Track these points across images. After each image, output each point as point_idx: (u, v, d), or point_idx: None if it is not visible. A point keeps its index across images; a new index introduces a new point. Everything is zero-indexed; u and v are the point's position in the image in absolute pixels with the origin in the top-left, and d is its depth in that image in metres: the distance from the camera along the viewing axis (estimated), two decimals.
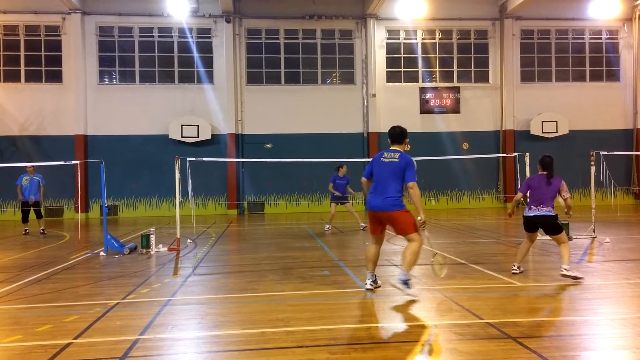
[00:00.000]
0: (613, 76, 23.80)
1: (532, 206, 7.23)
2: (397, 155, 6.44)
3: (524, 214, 7.34)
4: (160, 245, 10.56)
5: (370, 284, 6.59)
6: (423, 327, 5.08)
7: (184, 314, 5.65)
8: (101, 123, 21.41)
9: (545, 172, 7.30)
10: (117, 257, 9.80)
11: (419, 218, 6.27)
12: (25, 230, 14.45)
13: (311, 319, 5.31)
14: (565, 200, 7.26)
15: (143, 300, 6.27)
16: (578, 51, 23.65)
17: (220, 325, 5.22)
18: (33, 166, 14.68)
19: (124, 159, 21.17)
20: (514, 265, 7.45)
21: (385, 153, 6.56)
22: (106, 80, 22.11)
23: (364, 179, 6.67)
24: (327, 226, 14.32)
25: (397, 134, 6.63)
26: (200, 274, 8.10)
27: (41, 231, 14.34)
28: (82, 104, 21.22)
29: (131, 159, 21.35)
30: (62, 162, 11.84)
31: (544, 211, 7.10)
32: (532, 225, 7.32)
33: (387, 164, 6.40)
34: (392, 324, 5.19)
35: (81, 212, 20.14)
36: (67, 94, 21.24)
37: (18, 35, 21.27)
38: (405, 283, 6.09)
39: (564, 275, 6.84)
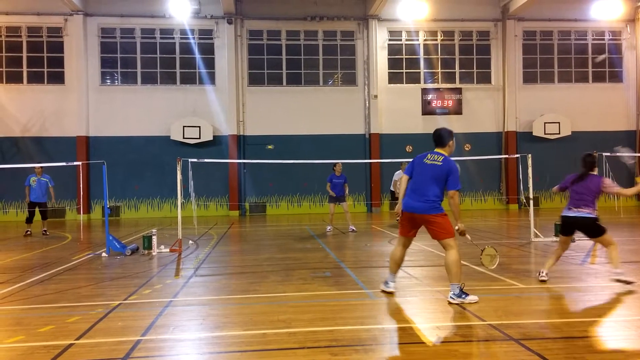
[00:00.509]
0: (616, 77, 23.76)
1: (571, 206, 6.81)
2: (441, 159, 6.29)
3: (562, 214, 6.91)
4: (162, 247, 10.56)
5: (385, 286, 6.42)
6: (425, 328, 5.06)
7: (185, 315, 5.65)
8: (103, 124, 21.45)
9: (585, 171, 6.82)
10: (119, 258, 9.80)
11: (456, 228, 6.22)
12: (27, 231, 14.44)
13: (313, 320, 5.30)
14: (616, 194, 6.79)
15: (145, 301, 6.26)
16: (581, 52, 23.62)
17: (222, 326, 5.21)
18: (41, 167, 14.69)
19: (126, 160, 21.21)
20: (542, 272, 6.91)
21: (428, 155, 6.41)
22: (108, 81, 22.14)
23: (405, 177, 6.47)
24: (329, 227, 14.30)
25: (438, 136, 6.51)
26: (202, 275, 8.10)
27: (43, 232, 14.37)
28: (84, 105, 21.26)
29: (133, 160, 21.38)
30: (64, 163, 11.85)
31: (583, 213, 6.69)
32: (569, 227, 6.89)
33: (429, 167, 6.25)
34: (394, 326, 5.18)
35: (83, 213, 20.16)
36: (69, 95, 21.27)
37: (20, 36, 21.32)
38: (461, 295, 5.86)
39: (617, 280, 6.58)
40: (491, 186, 23.01)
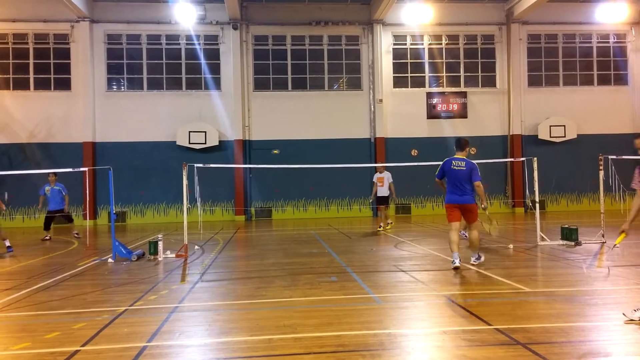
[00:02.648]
0: (621, 80, 23.68)
1: None
2: (463, 163, 8.44)
3: None
4: (168, 252, 10.58)
5: (457, 263, 8.23)
6: (431, 333, 5.05)
7: (191, 321, 5.65)
8: (109, 130, 21.55)
9: None
10: (125, 263, 9.82)
11: (483, 206, 8.81)
12: (46, 237, 14.64)
13: (319, 325, 5.29)
14: None
15: (151, 307, 6.27)
16: (585, 55, 23.56)
17: (228, 331, 5.21)
18: (55, 175, 14.92)
19: (132, 165, 21.29)
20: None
21: (453, 161, 8.50)
22: (114, 87, 22.25)
23: (437, 179, 8.80)
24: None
25: (456, 143, 8.75)
26: (208, 280, 8.10)
27: (75, 234, 14.71)
28: (90, 111, 21.37)
29: (139, 165, 21.46)
30: (70, 169, 11.89)
31: None
32: None
33: (458, 171, 8.43)
34: (400, 330, 5.17)
35: (89, 219, 20.24)
36: (75, 101, 21.40)
37: (27, 43, 21.47)
38: (479, 258, 8.72)
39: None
40: (497, 190, 22.93)
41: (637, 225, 15.36)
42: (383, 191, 15.05)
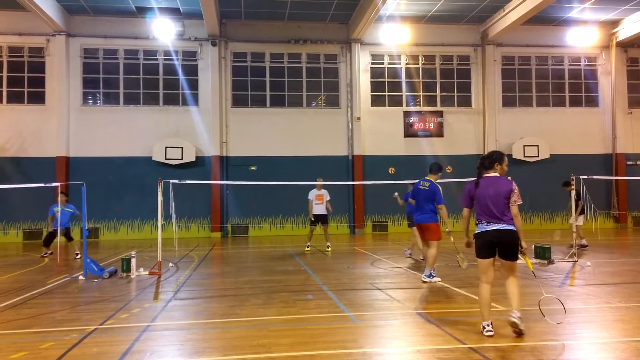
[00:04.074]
0: (592, 102, 24.27)
1: None
2: (428, 184, 9.14)
3: None
4: (141, 269, 10.42)
5: (424, 277, 8.82)
6: (406, 352, 5.03)
7: (163, 340, 5.55)
8: (84, 145, 21.23)
9: None
10: (97, 281, 9.63)
11: (447, 230, 9.27)
12: (46, 253, 14.03)
13: (293, 344, 5.24)
14: None
15: (122, 326, 6.14)
16: (558, 77, 24.12)
17: (201, 351, 5.13)
18: (66, 197, 14.41)
19: (106, 181, 20.98)
20: None
21: (421, 182, 9.28)
22: (90, 101, 22.00)
23: (410, 199, 10.47)
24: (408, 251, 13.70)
25: (431, 166, 9.58)
26: (182, 298, 7.98)
27: (76, 255, 13.90)
28: (64, 126, 21.05)
29: (113, 181, 21.16)
30: (42, 184, 11.68)
31: None
32: None
33: (422, 191, 9.18)
34: (375, 349, 5.14)
35: (61, 235, 19.79)
36: (49, 115, 21.07)
37: (1, 56, 21.14)
38: (430, 276, 8.83)
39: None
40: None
41: (610, 246, 15.59)
42: (322, 209, 14.52)
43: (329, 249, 14.67)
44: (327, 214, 14.68)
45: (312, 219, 14.59)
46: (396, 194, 14.21)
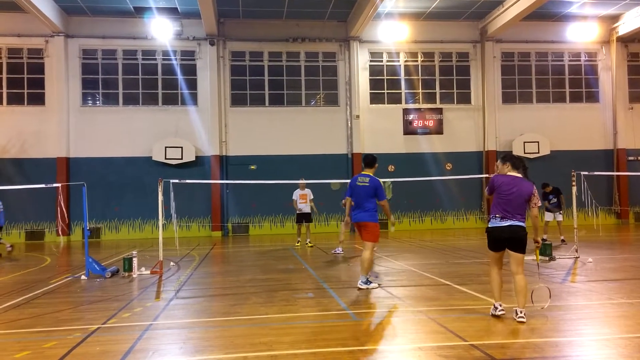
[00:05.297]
0: (592, 97, 24.25)
1: None
2: (367, 179, 8.28)
3: None
4: (143, 268, 10.43)
5: (361, 284, 8.12)
6: (407, 349, 5.04)
7: (165, 339, 5.57)
8: (84, 145, 21.25)
9: None
10: (99, 280, 9.65)
11: (392, 229, 8.89)
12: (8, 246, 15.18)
13: (295, 342, 5.25)
14: None
15: (124, 325, 6.16)
16: (558, 73, 24.10)
17: (203, 350, 5.14)
18: None
19: (107, 181, 21.00)
20: None
21: (359, 178, 8.39)
22: (89, 102, 22.00)
23: (347, 197, 8.54)
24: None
25: (364, 160, 8.72)
26: (183, 297, 8.00)
27: (8, 247, 15.11)
28: (64, 127, 21.06)
29: (114, 181, 21.17)
30: (43, 185, 11.69)
31: None
32: None
33: (361, 188, 8.23)
34: (376, 347, 5.16)
35: (63, 235, 19.86)
36: (49, 116, 21.07)
37: (0, 58, 21.13)
38: (367, 282, 8.11)
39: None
40: (473, 205, 23.16)
41: (612, 242, 15.63)
42: (306, 208, 15.56)
43: (310, 244, 15.54)
44: (311, 212, 15.76)
45: (297, 218, 15.90)
46: (343, 201, 14.83)
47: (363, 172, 8.50)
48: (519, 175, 6.19)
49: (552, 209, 15.44)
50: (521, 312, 5.88)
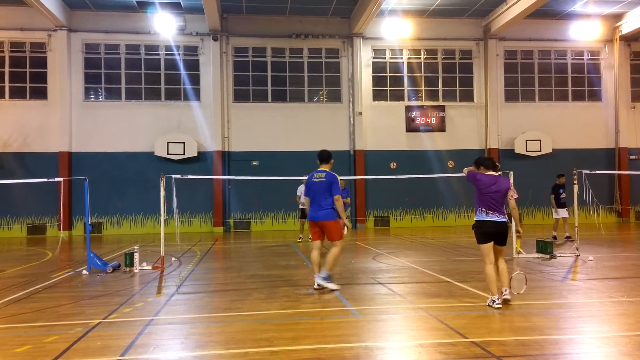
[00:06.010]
0: (595, 96, 24.20)
1: None
2: (324, 175, 7.89)
3: None
4: (144, 264, 10.45)
5: (316, 284, 7.79)
6: (408, 346, 5.05)
7: (166, 334, 5.58)
8: (86, 140, 21.27)
9: None
10: (100, 275, 9.67)
11: (345, 231, 8.23)
12: None
13: (296, 338, 5.26)
14: None
15: (125, 320, 6.17)
16: (560, 71, 24.05)
17: (204, 345, 5.15)
18: None
19: (109, 176, 21.04)
20: None
21: (315, 174, 7.97)
22: (92, 97, 22.01)
23: (305, 197, 8.17)
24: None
25: (319, 156, 8.19)
26: (184, 292, 8.01)
27: None
28: (66, 121, 21.09)
29: (116, 176, 21.21)
30: (45, 179, 11.70)
31: None
32: None
33: (317, 184, 7.85)
34: (377, 343, 5.16)
35: (64, 230, 19.91)
36: (51, 110, 21.09)
37: (3, 52, 21.15)
38: (327, 279, 7.73)
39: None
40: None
41: (613, 240, 15.62)
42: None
43: (300, 240, 15.90)
44: None
45: (300, 214, 15.99)
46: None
47: (319, 169, 8.06)
48: (495, 173, 6.84)
49: (561, 205, 15.41)
50: (506, 291, 6.56)
